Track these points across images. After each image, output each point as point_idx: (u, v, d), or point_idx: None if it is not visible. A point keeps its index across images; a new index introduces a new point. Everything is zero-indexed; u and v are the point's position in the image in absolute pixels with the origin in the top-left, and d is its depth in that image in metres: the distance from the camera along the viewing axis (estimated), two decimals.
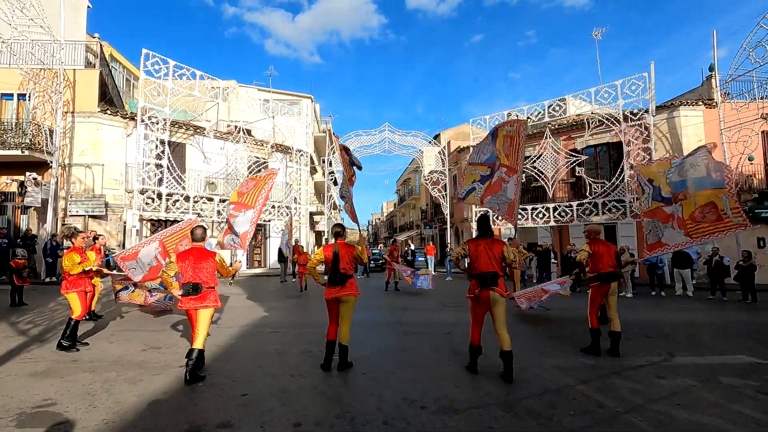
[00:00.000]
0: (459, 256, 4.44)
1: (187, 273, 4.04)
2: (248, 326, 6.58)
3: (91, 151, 14.37)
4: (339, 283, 4.30)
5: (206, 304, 4.02)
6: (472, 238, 4.48)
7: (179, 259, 4.09)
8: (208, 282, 4.06)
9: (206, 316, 4.04)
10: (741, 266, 10.12)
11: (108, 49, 18.78)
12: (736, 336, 6.19)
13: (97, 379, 3.91)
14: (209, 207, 16.18)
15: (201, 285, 4.01)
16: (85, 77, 14.60)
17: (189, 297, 3.99)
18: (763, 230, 14.44)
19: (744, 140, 13.66)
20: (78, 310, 5.05)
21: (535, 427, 2.97)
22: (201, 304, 4.00)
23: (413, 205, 38.55)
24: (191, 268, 4.04)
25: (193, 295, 3.98)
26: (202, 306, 4.00)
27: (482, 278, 4.14)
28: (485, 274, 4.13)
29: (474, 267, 4.24)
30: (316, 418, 3.08)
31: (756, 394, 3.68)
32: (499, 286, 4.12)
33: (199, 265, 4.05)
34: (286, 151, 19.83)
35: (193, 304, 3.98)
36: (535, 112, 17.35)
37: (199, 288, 4.00)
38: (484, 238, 4.32)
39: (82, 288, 5.16)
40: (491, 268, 4.13)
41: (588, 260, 5.15)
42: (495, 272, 4.12)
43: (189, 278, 4.02)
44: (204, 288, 4.03)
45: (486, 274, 4.12)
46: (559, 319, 7.54)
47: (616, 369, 4.40)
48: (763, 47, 12.63)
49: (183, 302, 4.02)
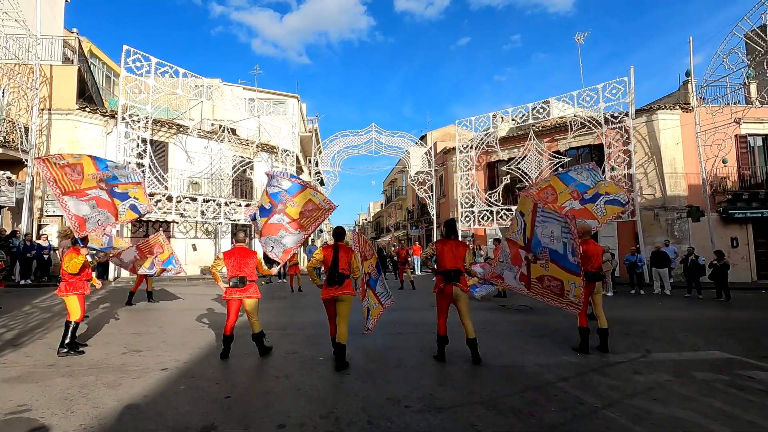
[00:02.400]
0: (428, 256, 4.91)
1: (233, 268, 4.68)
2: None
3: (69, 149, 13.93)
4: (337, 282, 4.45)
5: (251, 294, 4.72)
6: (439, 240, 4.93)
7: (226, 257, 4.77)
8: (252, 276, 4.74)
9: (252, 304, 4.76)
10: (715, 265, 10.48)
11: (87, 45, 18.29)
12: (710, 332, 6.41)
13: (75, 384, 3.81)
14: (193, 207, 15.91)
15: (246, 278, 4.67)
16: (63, 73, 14.19)
17: (236, 288, 4.64)
18: (736, 230, 15.00)
19: (718, 143, 14.17)
20: (77, 313, 4.93)
21: (517, 424, 3.02)
22: (246, 295, 4.68)
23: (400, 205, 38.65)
24: (237, 264, 4.69)
25: (240, 287, 4.65)
26: (247, 296, 4.69)
27: (447, 274, 4.59)
28: (449, 271, 4.58)
29: (440, 265, 4.69)
30: (300, 419, 3.07)
31: (727, 388, 3.82)
32: (462, 282, 4.61)
33: (243, 261, 4.73)
34: (271, 151, 19.65)
35: (239, 295, 4.66)
36: (520, 114, 17.62)
37: (245, 281, 4.67)
38: (450, 239, 4.79)
39: (81, 291, 5.03)
40: (455, 266, 4.59)
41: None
42: (458, 270, 4.60)
43: (235, 272, 4.67)
44: (248, 281, 4.69)
45: (450, 271, 4.58)
46: (540, 318, 7.68)
47: (596, 366, 4.51)
48: (736, 54, 13.13)
49: (228, 293, 4.65)
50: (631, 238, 14.70)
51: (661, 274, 11.81)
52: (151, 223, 15.54)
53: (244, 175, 18.50)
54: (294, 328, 6.48)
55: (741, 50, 13.15)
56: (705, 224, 14.11)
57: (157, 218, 15.06)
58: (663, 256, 11.81)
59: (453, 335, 4.93)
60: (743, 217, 14.72)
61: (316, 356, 4.87)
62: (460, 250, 4.67)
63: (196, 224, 16.82)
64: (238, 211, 17.49)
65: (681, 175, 15.11)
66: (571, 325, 6.63)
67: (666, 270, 11.79)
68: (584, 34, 19.48)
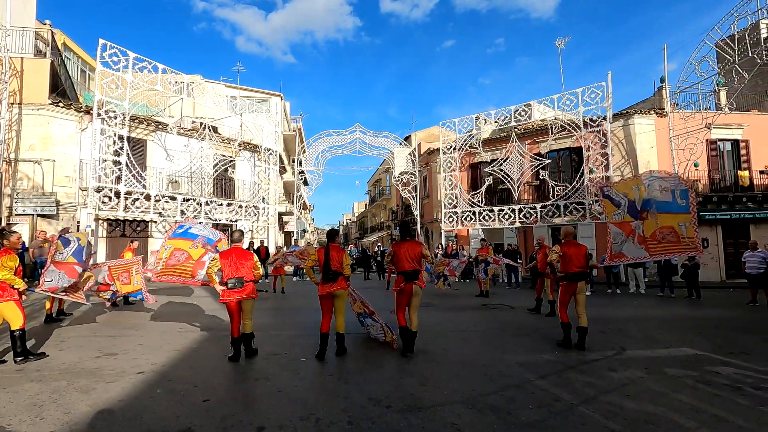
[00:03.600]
0: (389, 259, 5.20)
1: (230, 269, 4.64)
2: (212, 330, 6.40)
3: (41, 145, 13.44)
4: (331, 279, 4.77)
5: (248, 295, 4.72)
6: (396, 242, 5.27)
7: (222, 257, 4.73)
8: (249, 276, 4.72)
9: (249, 306, 4.79)
10: (687, 265, 10.88)
11: (61, 38, 17.65)
12: (681, 330, 6.66)
13: (45, 390, 3.68)
14: (172, 206, 15.54)
15: (244, 279, 4.65)
16: (34, 66, 13.63)
17: (234, 290, 4.60)
18: (706, 231, 15.60)
19: (690, 148, 14.72)
20: (19, 319, 4.53)
21: (496, 422, 3.08)
22: (243, 296, 4.67)
23: (384, 205, 38.70)
24: (234, 265, 4.66)
25: (239, 288, 4.62)
26: (244, 297, 4.68)
27: (406, 275, 4.90)
28: (408, 271, 4.89)
29: (398, 266, 4.98)
30: (280, 421, 3.05)
31: (696, 383, 3.98)
32: (420, 280, 4.93)
33: (240, 262, 4.70)
34: (254, 150, 19.37)
35: (237, 296, 4.64)
36: (502, 116, 17.89)
37: (243, 281, 4.64)
38: (406, 241, 5.09)
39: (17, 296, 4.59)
40: (412, 266, 4.91)
41: (559, 260, 5.41)
42: (416, 269, 4.92)
43: (232, 274, 4.63)
44: (246, 282, 4.67)
45: (409, 272, 4.89)
46: (521, 317, 7.82)
47: (573, 363, 4.63)
48: (707, 62, 13.66)
49: (225, 294, 4.63)
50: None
51: (636, 273, 12.19)
52: (128, 222, 15.11)
53: (225, 174, 18.18)
54: (275, 330, 6.42)
55: (712, 58, 13.69)
56: None
57: (135, 217, 14.66)
58: None
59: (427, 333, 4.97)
60: (713, 218, 15.33)
61: (298, 357, 4.84)
62: (416, 249, 4.97)
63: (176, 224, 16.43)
64: (219, 210, 17.19)
65: None
66: (549, 325, 6.79)
67: (641, 270, 12.18)
68: (565, 39, 19.88)
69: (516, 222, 17.19)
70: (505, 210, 17.44)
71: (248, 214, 18.32)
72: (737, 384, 3.95)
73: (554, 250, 5.49)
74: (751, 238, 13.77)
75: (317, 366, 4.52)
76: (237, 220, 17.90)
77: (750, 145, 15.89)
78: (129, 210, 14.24)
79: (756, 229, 15.33)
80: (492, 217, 17.66)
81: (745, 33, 12.94)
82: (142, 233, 15.78)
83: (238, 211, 17.98)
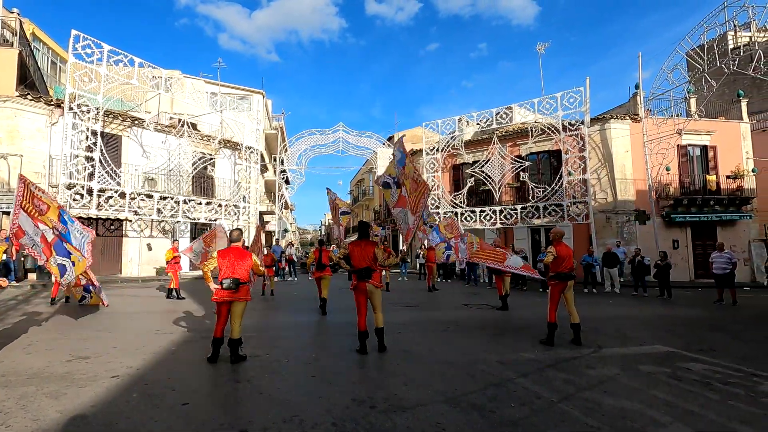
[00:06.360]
0: (342, 256, 5.40)
1: (226, 269, 4.52)
2: (191, 332, 6.23)
3: (7, 139, 12.81)
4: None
5: (240, 297, 4.55)
6: (352, 241, 5.32)
7: (220, 256, 4.61)
8: (245, 278, 4.59)
9: (240, 308, 4.59)
10: (659, 265, 11.28)
11: (29, 27, 16.86)
12: (654, 328, 6.90)
13: (12, 395, 3.50)
14: (148, 204, 15.08)
15: (239, 280, 4.51)
16: (1, 57, 12.99)
17: (227, 291, 4.46)
18: (677, 233, 16.24)
19: (662, 152, 15.28)
20: None
21: (479, 421, 3.11)
22: (236, 297, 4.51)
23: (367, 205, 38.63)
24: (231, 265, 4.54)
25: (233, 289, 4.47)
26: (236, 298, 4.52)
27: (359, 273, 5.00)
28: (360, 269, 4.99)
29: (352, 264, 5.09)
30: (263, 424, 2.99)
31: (669, 379, 4.13)
32: (374, 279, 5.01)
33: (238, 262, 4.57)
34: (234, 148, 19.00)
35: (229, 297, 4.49)
36: (484, 118, 18.15)
37: (238, 283, 4.50)
38: (361, 240, 5.18)
39: None
40: (365, 264, 4.99)
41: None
42: (368, 267, 4.99)
43: (228, 274, 4.50)
44: (241, 283, 4.53)
45: (361, 270, 4.99)
46: (502, 317, 7.94)
47: (552, 361, 4.72)
48: (678, 70, 14.21)
49: (218, 294, 4.51)
50: (585, 240, 15.53)
51: (612, 273, 12.57)
52: (101, 221, 14.56)
53: (204, 172, 17.77)
54: (255, 331, 6.31)
55: (683, 67, 14.26)
56: (650, 227, 15.18)
57: (108, 216, 14.15)
58: (613, 257, 12.57)
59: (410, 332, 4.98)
60: (683, 220, 15.97)
61: (279, 359, 4.76)
62: (369, 249, 5.08)
63: (152, 222, 15.95)
64: (198, 209, 16.78)
65: (630, 181, 16.16)
66: (529, 324, 6.92)
67: (616, 270, 12.57)
68: (545, 45, 20.38)
69: (497, 223, 17.46)
70: (487, 211, 17.69)
71: (228, 213, 17.96)
72: (707, 379, 4.12)
73: (549, 251, 5.62)
74: (717, 239, 14.40)
75: (299, 368, 4.47)
76: (216, 219, 17.52)
77: (717, 151, 16.62)
78: (102, 208, 13.76)
79: (722, 230, 16.05)
80: (474, 217, 17.89)
81: (714, 43, 13.54)
82: (116, 232, 15.24)
83: (218, 209, 17.61)
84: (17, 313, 7.45)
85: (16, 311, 7.73)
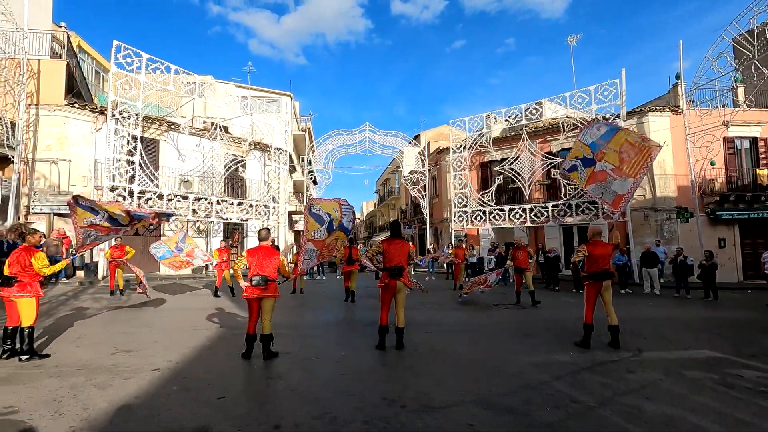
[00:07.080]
0: (375, 253, 5.35)
1: (255, 267, 4.69)
2: (225, 328, 6.45)
3: (57, 146, 13.70)
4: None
5: (270, 294, 4.71)
6: (385, 239, 5.43)
7: (249, 255, 4.77)
8: (273, 275, 4.75)
9: (270, 304, 4.75)
10: (703, 265, 10.64)
11: (76, 40, 17.95)
12: (699, 331, 6.51)
13: (64, 385, 3.74)
14: (184, 205, 15.72)
15: (268, 277, 4.67)
16: (51, 68, 13.90)
17: (258, 288, 4.62)
18: (723, 231, 15.27)
19: (707, 146, 14.38)
20: (32, 317, 4.59)
21: (512, 423, 3.03)
22: (265, 294, 4.67)
23: (393, 205, 38.63)
24: (260, 263, 4.70)
25: (262, 286, 4.63)
26: (266, 296, 4.68)
27: (391, 271, 5.06)
28: (394, 267, 5.05)
29: (386, 262, 5.14)
30: (296, 420, 3.05)
31: (716, 386, 3.88)
32: (404, 277, 5.10)
33: (266, 260, 4.73)
34: (264, 149, 19.49)
35: (258, 294, 4.66)
36: (513, 114, 17.72)
37: (267, 280, 4.66)
38: (395, 239, 5.30)
39: (39, 293, 4.73)
40: (399, 263, 5.08)
41: (585, 260, 5.39)
42: (401, 266, 5.09)
43: (257, 271, 4.67)
44: (270, 280, 4.69)
45: (395, 268, 5.05)
46: (532, 317, 7.73)
47: (588, 365, 4.55)
48: (725, 58, 13.32)
49: (248, 291, 4.68)
50: (621, 239, 14.86)
51: (651, 274, 11.97)
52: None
53: (236, 174, 18.33)
54: (286, 328, 6.43)
55: (729, 54, 13.36)
56: (693, 225, 14.32)
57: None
58: (653, 256, 11.97)
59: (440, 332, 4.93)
60: (730, 218, 14.99)
61: (310, 356, 4.84)
62: (404, 248, 5.19)
63: (188, 223, 16.61)
64: (230, 209, 17.33)
65: (670, 176, 15.33)
66: (560, 325, 6.69)
67: (656, 270, 11.95)
68: (577, 36, 19.69)
69: (527, 221, 17.02)
70: (516, 209, 17.28)
71: (258, 213, 18.44)
72: (761, 387, 3.84)
73: (579, 249, 5.45)
74: None
75: (329, 365, 4.52)
76: (247, 219, 18.04)
77: None
78: (142, 209, 14.44)
79: None
80: (502, 216, 17.52)
81: (765, 28, 12.60)
82: (155, 232, 15.97)
83: (249, 210, 18.11)
84: (66, 308, 7.95)
85: (66, 306, 8.26)
